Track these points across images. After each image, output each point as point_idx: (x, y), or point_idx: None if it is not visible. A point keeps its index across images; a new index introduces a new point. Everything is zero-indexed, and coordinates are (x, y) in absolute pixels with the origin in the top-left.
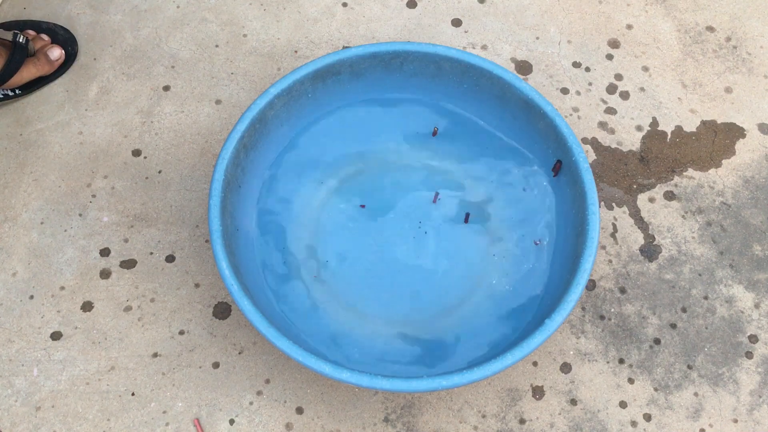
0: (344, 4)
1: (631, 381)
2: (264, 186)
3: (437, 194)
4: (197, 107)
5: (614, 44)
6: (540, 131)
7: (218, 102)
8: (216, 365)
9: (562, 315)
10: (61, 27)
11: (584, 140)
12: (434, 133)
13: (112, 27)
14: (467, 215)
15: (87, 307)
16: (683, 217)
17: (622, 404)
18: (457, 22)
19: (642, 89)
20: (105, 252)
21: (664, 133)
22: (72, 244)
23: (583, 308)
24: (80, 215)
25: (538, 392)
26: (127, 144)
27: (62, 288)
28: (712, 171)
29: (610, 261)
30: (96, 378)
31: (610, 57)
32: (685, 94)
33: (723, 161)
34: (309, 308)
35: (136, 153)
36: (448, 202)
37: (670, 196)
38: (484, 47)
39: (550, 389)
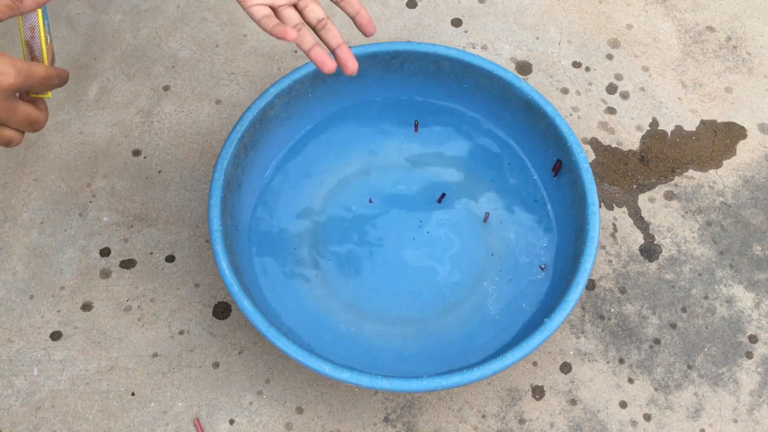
0: None
1: (631, 381)
2: (264, 186)
3: (444, 195)
4: (197, 107)
5: (614, 44)
6: (540, 131)
7: (218, 102)
8: (216, 365)
9: (562, 315)
10: None
11: (584, 140)
12: (415, 128)
13: (112, 27)
14: (486, 215)
15: (87, 307)
16: (683, 217)
17: (622, 404)
18: (457, 22)
19: (642, 89)
20: (105, 252)
21: (664, 133)
22: (72, 244)
23: (583, 308)
24: (80, 215)
25: (538, 392)
26: (127, 144)
27: (62, 288)
28: (712, 171)
29: (610, 261)
30: (96, 378)
31: (610, 57)
32: (685, 94)
33: (723, 161)
34: (309, 308)
35: (136, 153)
36: (449, 202)
37: (670, 196)
38: (484, 47)
39: (550, 389)
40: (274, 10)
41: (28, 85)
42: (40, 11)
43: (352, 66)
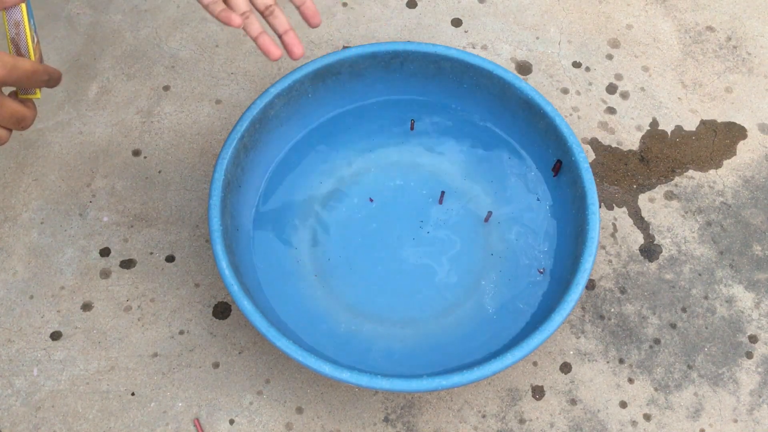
0: (344, 4)
1: (631, 381)
2: (264, 186)
3: (443, 194)
4: (197, 107)
5: (614, 44)
6: (540, 131)
7: (218, 102)
8: (216, 365)
9: (562, 315)
10: None
11: (584, 140)
12: (411, 127)
13: (112, 27)
14: (489, 213)
15: (87, 307)
16: (683, 217)
17: (622, 404)
18: (457, 22)
19: (642, 89)
20: (105, 252)
21: (664, 133)
22: (72, 244)
23: (583, 308)
24: (80, 215)
25: (538, 392)
26: (127, 144)
27: (62, 288)
28: (712, 171)
29: (610, 261)
30: (96, 378)
31: (610, 57)
32: (685, 94)
33: (723, 161)
34: (308, 308)
35: (136, 153)
36: (450, 203)
37: (670, 196)
38: (484, 47)
39: (550, 389)
40: None
41: (13, 78)
42: (24, 8)
43: (297, 51)
